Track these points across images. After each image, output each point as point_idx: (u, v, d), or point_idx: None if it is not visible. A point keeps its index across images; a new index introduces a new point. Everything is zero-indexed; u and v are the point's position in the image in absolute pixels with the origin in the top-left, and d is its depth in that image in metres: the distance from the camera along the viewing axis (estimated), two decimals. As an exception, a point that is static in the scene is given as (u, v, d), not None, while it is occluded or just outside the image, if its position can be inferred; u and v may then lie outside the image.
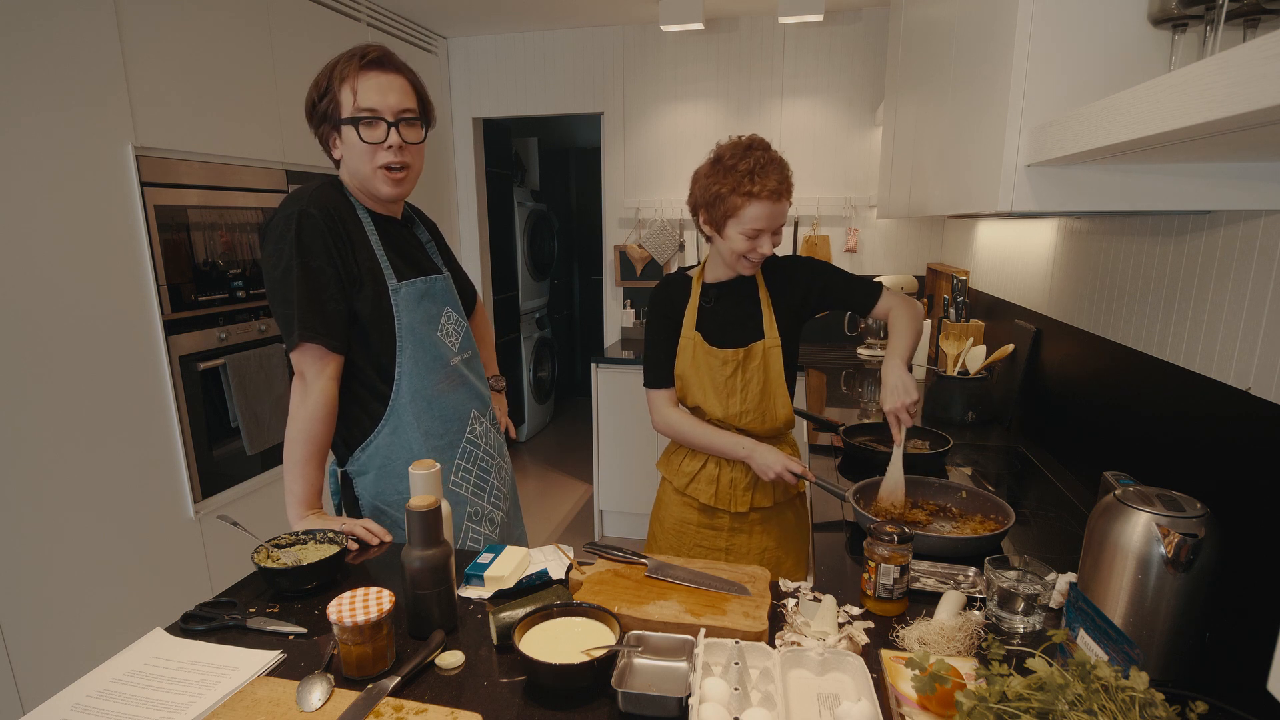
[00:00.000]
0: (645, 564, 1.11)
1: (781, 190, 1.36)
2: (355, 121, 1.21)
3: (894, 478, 1.41)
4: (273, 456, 2.48)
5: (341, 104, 1.20)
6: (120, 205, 1.96)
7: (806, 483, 1.46)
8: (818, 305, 1.57)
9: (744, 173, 1.34)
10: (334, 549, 1.15)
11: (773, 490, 1.54)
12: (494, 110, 3.71)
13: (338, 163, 1.29)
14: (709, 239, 1.49)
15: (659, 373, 1.56)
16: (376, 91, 1.20)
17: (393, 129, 1.22)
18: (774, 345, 1.51)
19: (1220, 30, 0.83)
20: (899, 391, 1.38)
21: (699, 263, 1.60)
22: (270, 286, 1.22)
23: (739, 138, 1.42)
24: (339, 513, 1.40)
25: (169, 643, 0.97)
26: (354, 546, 1.23)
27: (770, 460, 1.44)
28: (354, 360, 1.28)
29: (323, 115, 1.23)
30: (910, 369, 1.45)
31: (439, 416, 1.35)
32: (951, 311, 2.38)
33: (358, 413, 1.32)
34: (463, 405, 1.39)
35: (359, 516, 1.34)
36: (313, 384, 1.23)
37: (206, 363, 2.21)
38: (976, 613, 1.00)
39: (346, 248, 1.23)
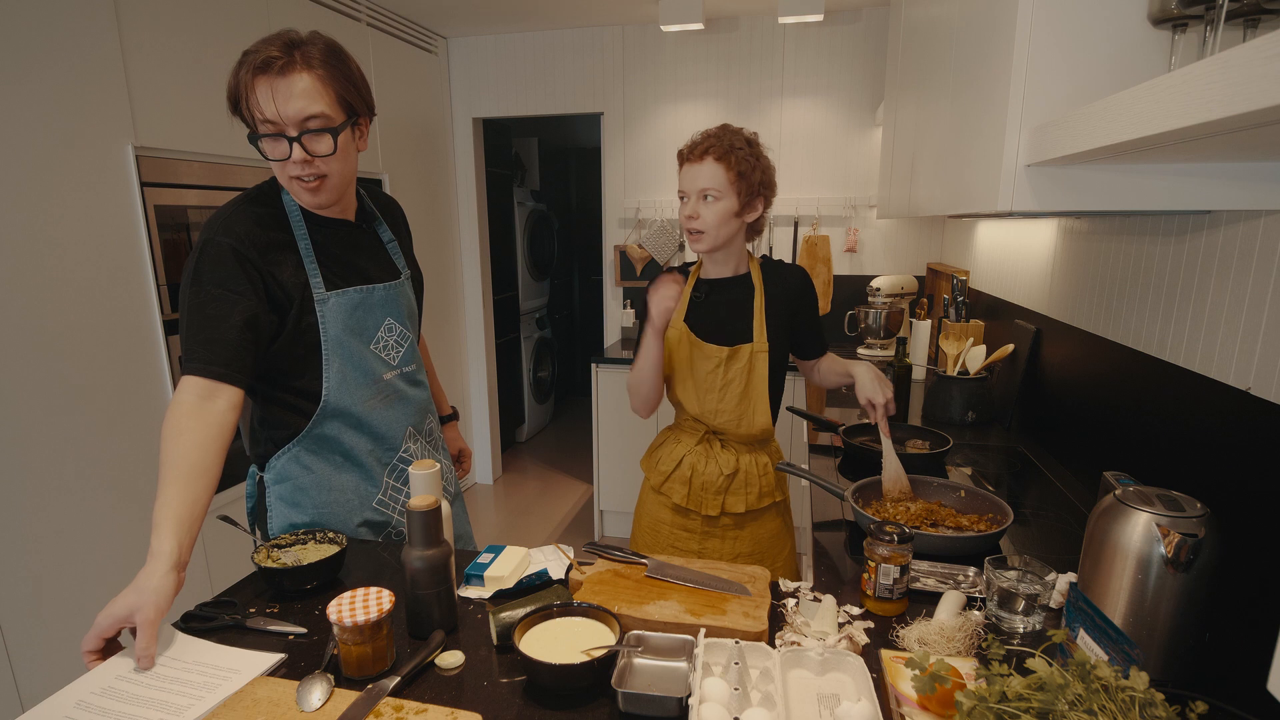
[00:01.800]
0: (645, 564, 1.11)
1: (698, 149, 1.41)
2: (256, 139, 1.12)
3: (894, 467, 1.43)
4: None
5: (248, 117, 1.12)
6: (120, 205, 1.96)
7: (789, 489, 1.45)
8: (793, 323, 1.57)
9: (684, 146, 1.46)
10: (334, 549, 1.15)
11: (745, 496, 1.52)
12: (494, 110, 3.71)
13: None
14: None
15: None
16: (272, 101, 1.08)
17: (295, 144, 1.10)
18: (761, 350, 1.49)
19: (1220, 30, 0.83)
20: (879, 383, 1.48)
21: (699, 259, 1.60)
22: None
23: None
24: (251, 517, 1.30)
25: (177, 640, 0.97)
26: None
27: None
28: (283, 375, 1.21)
29: (239, 115, 1.13)
30: None
31: (368, 435, 1.27)
32: (951, 311, 2.38)
33: (287, 418, 1.24)
34: (396, 423, 1.30)
35: (266, 527, 1.27)
36: (200, 410, 1.08)
37: (206, 363, 2.20)
38: (976, 613, 1.00)
39: (262, 276, 1.13)
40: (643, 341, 1.46)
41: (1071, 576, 1.05)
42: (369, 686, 0.86)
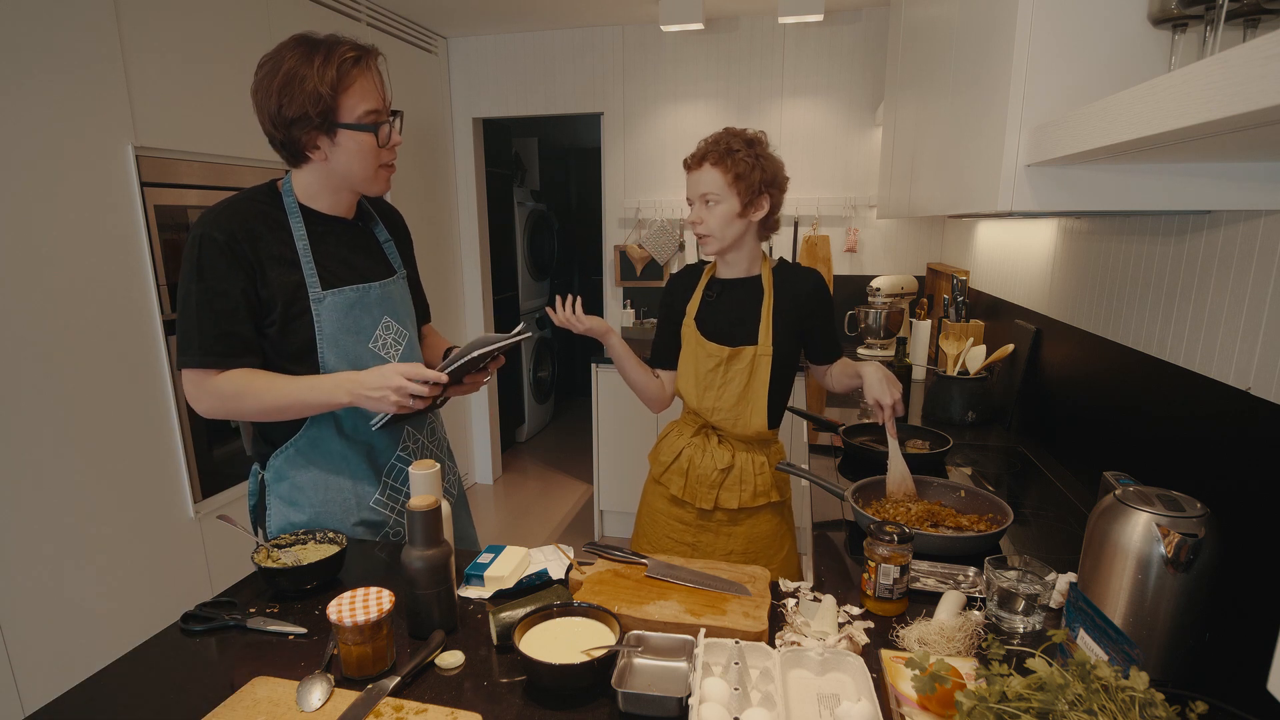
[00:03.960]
0: (645, 564, 1.11)
1: (704, 158, 1.43)
2: (374, 127, 1.16)
3: (899, 469, 1.43)
4: (273, 456, 2.48)
5: (342, 108, 1.14)
6: (120, 205, 1.96)
7: (791, 490, 1.44)
8: (801, 325, 1.56)
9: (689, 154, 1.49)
10: (334, 549, 1.15)
11: (739, 493, 1.53)
12: (494, 110, 3.71)
13: (297, 164, 1.20)
14: None
15: (657, 354, 1.65)
16: (378, 89, 1.18)
17: (394, 127, 1.21)
18: (764, 354, 1.50)
19: (1220, 30, 0.83)
20: (888, 384, 1.45)
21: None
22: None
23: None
24: (253, 515, 1.31)
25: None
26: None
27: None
28: (280, 372, 1.20)
29: (321, 116, 1.12)
30: None
31: (364, 435, 1.27)
32: (951, 311, 2.38)
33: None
34: (393, 423, 1.28)
35: (266, 525, 1.28)
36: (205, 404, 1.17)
37: (206, 363, 2.20)
38: (976, 613, 1.00)
39: (253, 271, 1.16)
40: None
41: (1071, 576, 1.05)
42: (369, 686, 0.86)
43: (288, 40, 1.16)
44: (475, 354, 1.18)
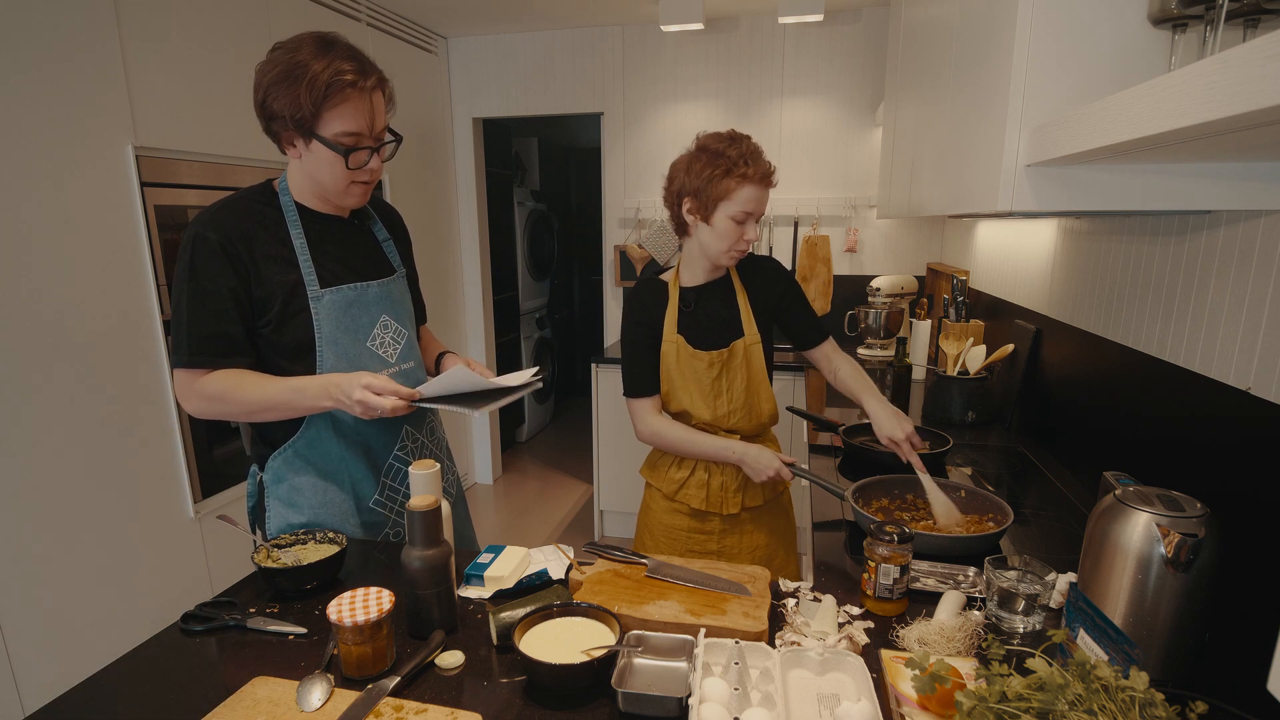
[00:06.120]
0: (645, 564, 1.11)
1: (769, 175, 1.40)
2: (344, 150, 1.14)
3: (941, 501, 1.36)
4: (273, 456, 2.48)
5: (323, 119, 1.12)
6: (120, 205, 1.96)
7: (792, 478, 1.45)
8: (776, 313, 1.58)
9: (735, 158, 1.38)
10: (334, 549, 1.15)
11: (762, 489, 1.54)
12: (494, 110, 3.71)
13: (284, 153, 1.20)
14: (682, 231, 1.52)
15: (641, 381, 1.53)
16: (365, 116, 1.15)
17: (374, 154, 1.19)
18: (754, 342, 1.51)
19: (1220, 30, 0.83)
20: (897, 419, 1.42)
21: (673, 268, 1.59)
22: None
23: (717, 132, 1.46)
24: (252, 516, 1.30)
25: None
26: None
27: (764, 462, 1.43)
28: (278, 373, 1.20)
29: (297, 122, 1.12)
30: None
31: (365, 434, 1.26)
32: (951, 311, 2.38)
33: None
34: (394, 422, 1.29)
35: (265, 526, 1.27)
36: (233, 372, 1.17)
37: (206, 363, 2.20)
38: (976, 613, 1.00)
39: (247, 271, 1.16)
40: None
41: (1071, 576, 1.05)
42: (369, 686, 0.86)
43: (308, 34, 1.16)
44: (466, 398, 1.20)
